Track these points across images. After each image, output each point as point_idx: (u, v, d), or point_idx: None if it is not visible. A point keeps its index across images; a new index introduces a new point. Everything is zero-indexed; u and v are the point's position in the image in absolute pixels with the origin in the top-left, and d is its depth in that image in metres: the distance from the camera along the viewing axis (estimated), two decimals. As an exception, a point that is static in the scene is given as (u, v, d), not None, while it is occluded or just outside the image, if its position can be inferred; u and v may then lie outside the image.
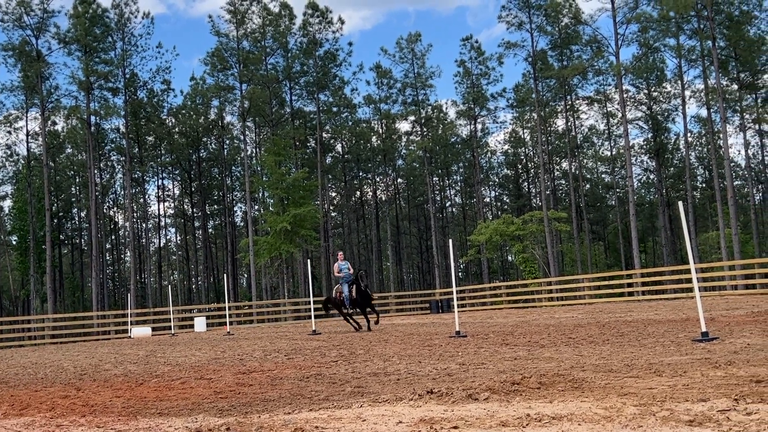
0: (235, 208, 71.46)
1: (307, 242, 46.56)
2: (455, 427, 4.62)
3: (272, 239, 43.85)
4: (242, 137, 56.86)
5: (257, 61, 52.93)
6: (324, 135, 59.29)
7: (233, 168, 67.83)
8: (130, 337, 30.14)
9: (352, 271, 20.04)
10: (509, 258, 65.02)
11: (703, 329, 10.23)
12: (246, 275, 71.55)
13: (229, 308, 30.96)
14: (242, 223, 69.96)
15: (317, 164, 55.30)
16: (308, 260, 23.04)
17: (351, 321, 20.23)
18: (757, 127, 55.33)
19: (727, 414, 4.43)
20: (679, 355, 8.46)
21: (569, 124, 60.36)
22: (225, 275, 32.36)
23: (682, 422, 4.27)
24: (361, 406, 5.86)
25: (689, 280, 11.19)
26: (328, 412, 5.68)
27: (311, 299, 22.14)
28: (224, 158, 64.48)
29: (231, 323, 30.70)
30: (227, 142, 65.31)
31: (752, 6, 48.01)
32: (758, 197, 60.39)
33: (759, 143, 58.47)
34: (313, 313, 22.08)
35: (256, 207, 59.57)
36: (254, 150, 61.61)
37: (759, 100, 53.87)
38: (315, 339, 17.29)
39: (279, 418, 5.48)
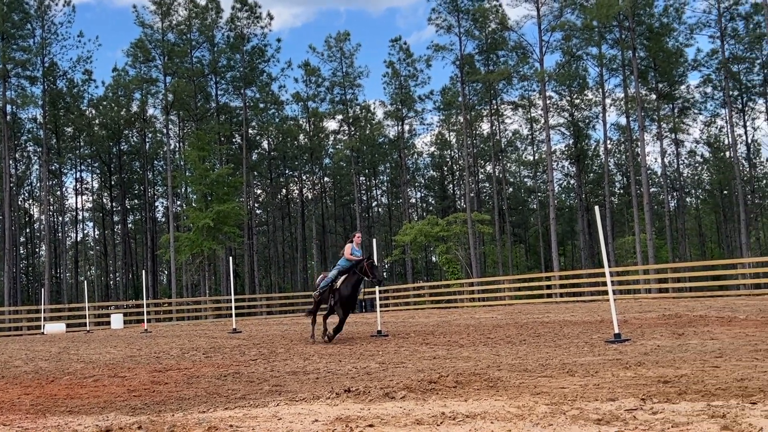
0: (156, 203, 69.96)
1: (230, 239, 45.94)
2: (371, 426, 4.62)
3: (194, 236, 43.11)
4: (165, 131, 55.69)
5: (182, 54, 51.95)
6: (250, 131, 58.63)
7: (155, 162, 66.36)
8: (43, 333, 29.16)
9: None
10: (433, 259, 65.59)
11: (616, 331, 10.53)
12: (166, 272, 70.12)
13: (148, 305, 30.30)
14: (163, 219, 68.55)
15: (242, 160, 54.63)
16: (231, 258, 22.73)
17: (314, 325, 14.93)
18: (673, 136, 57.30)
19: (634, 413, 4.56)
20: (592, 355, 8.68)
21: (494, 128, 61.33)
22: (144, 271, 31.68)
23: (591, 421, 4.37)
24: (277, 404, 5.81)
25: (605, 283, 11.51)
26: (244, 410, 5.62)
27: (233, 297, 21.86)
28: (146, 152, 63.01)
29: (149, 321, 30.07)
30: (149, 135, 63.82)
31: (671, 18, 49.77)
32: (673, 204, 62.60)
33: (675, 152, 60.59)
34: (234, 312, 21.78)
35: (179, 202, 58.47)
36: (177, 144, 60.46)
37: (676, 110, 55.81)
38: (235, 337, 17.08)
39: (193, 417, 5.38)
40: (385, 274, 72.85)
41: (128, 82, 55.25)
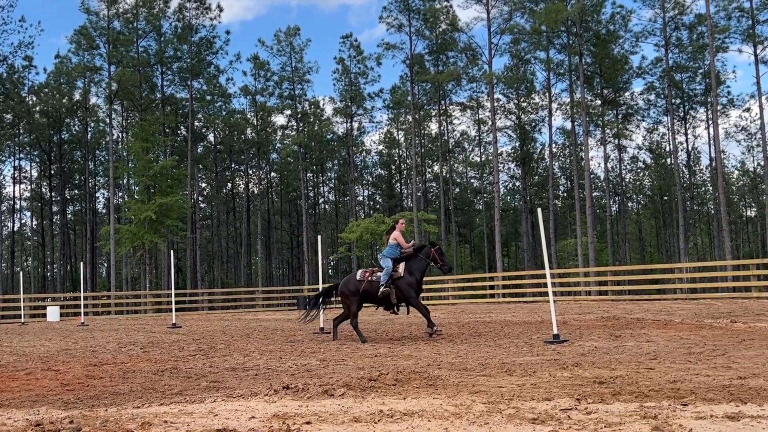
0: (97, 194, 68.55)
1: (172, 233, 45.26)
2: (308, 423, 4.59)
3: (135, 228, 42.36)
4: (108, 120, 54.54)
5: (128, 42, 50.94)
6: (196, 123, 57.83)
7: (97, 152, 65.00)
8: (-26, 325, 28.31)
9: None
10: (379, 257, 65.69)
11: (555, 332, 10.67)
12: (106, 264, 68.80)
13: (86, 298, 29.66)
14: (104, 210, 67.21)
15: (187, 153, 53.84)
16: (173, 251, 22.39)
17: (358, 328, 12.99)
18: (616, 141, 58.47)
19: (568, 413, 4.62)
20: (530, 355, 8.78)
21: (442, 128, 61.68)
22: (83, 263, 30.98)
23: (527, 420, 4.41)
24: (214, 400, 5.73)
25: (546, 285, 11.65)
26: (180, 406, 5.53)
27: (173, 292, 21.52)
28: (88, 141, 61.65)
29: (86, 314, 29.44)
30: (92, 124, 62.47)
31: (618, 26, 50.74)
32: (614, 208, 63.87)
33: (617, 157, 61.83)
34: (174, 306, 21.44)
35: (120, 194, 57.37)
36: (121, 135, 59.30)
37: (620, 117, 56.92)
38: (175, 332, 16.83)
39: (127, 412, 5.28)
40: (330, 271, 72.72)
41: (71, 69, 53.95)
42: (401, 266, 12.98)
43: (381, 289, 12.81)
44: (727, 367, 6.82)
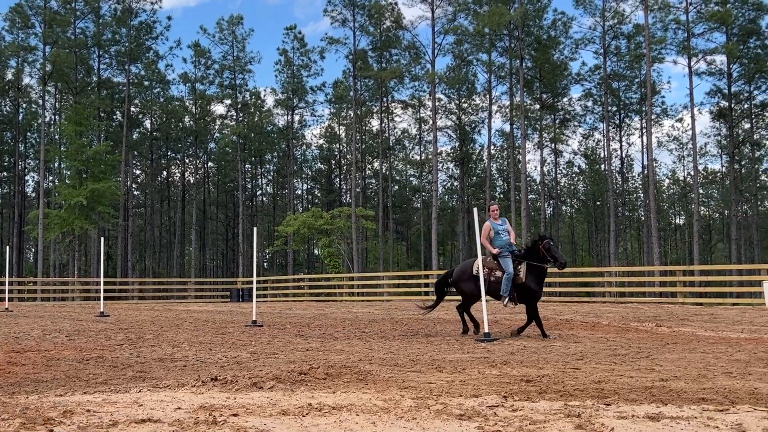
0: (26, 177, 66.54)
1: (104, 220, 44.26)
2: (235, 415, 4.54)
3: (65, 213, 41.29)
4: (41, 102, 53.01)
5: (65, 23, 49.54)
6: (132, 109, 56.65)
7: (28, 134, 63.09)
8: None
9: (513, 235, 11.97)
10: (315, 251, 65.52)
11: (486, 330, 10.81)
12: (33, 250, 66.87)
13: (11, 283, 28.78)
14: (34, 194, 65.28)
15: (122, 138, 52.70)
16: (103, 239, 21.88)
17: (473, 321, 12.04)
18: (553, 146, 59.53)
19: (495, 410, 4.67)
20: (461, 353, 8.86)
21: (383, 125, 61.81)
22: (9, 248, 30.01)
23: (453, 416, 4.45)
24: (140, 391, 5.62)
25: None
26: (104, 395, 5.41)
27: (102, 280, 21.05)
28: (19, 123, 59.78)
29: (11, 299, 28.56)
30: (24, 105, 60.60)
31: (559, 32, 51.64)
32: (549, 211, 65.00)
33: (554, 161, 62.99)
34: (102, 294, 20.96)
35: (51, 178, 55.82)
36: (54, 117, 57.68)
37: (557, 121, 57.97)
38: (102, 321, 16.46)
39: (48, 400, 5.14)
40: (265, 264, 72.17)
41: (4, 48, 52.20)
42: (522, 267, 11.32)
43: (505, 303, 11.37)
44: (650, 369, 7.01)
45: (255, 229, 15.96)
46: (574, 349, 9.33)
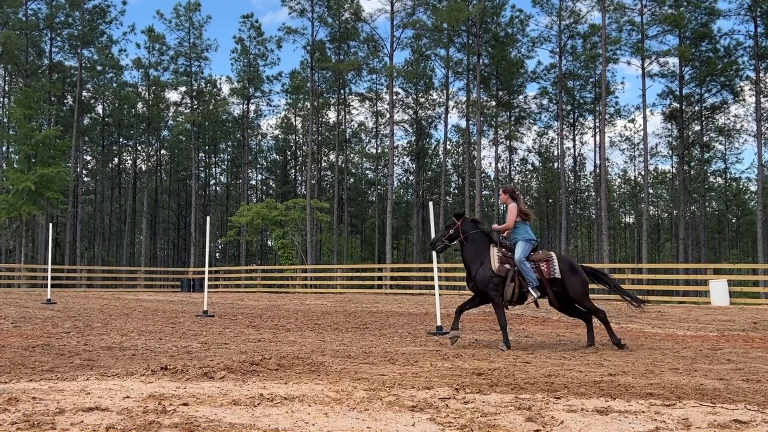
0: (-27, 161, 64.82)
1: (52, 206, 43.34)
2: (185, 404, 4.49)
3: (13, 198, 40.35)
4: (-10, 84, 51.68)
5: (16, 4, 48.27)
6: (84, 94, 55.51)
7: (-25, 117, 61.46)
8: None
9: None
10: (269, 243, 65.09)
11: (439, 324, 10.87)
12: (-21, 235, 65.19)
13: (-46, 269, 28.04)
14: (-20, 178, 63.62)
15: (73, 124, 51.63)
16: (52, 225, 21.43)
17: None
18: (508, 143, 60.03)
19: (446, 402, 4.70)
20: (414, 345, 8.90)
21: (340, 117, 61.63)
22: (-48, 232, 29.22)
23: (406, 407, 4.46)
24: (87, 379, 5.53)
25: (433, 278, 11.86)
26: (50, 383, 5.31)
27: (50, 267, 20.62)
28: (-34, 104, 58.19)
29: (-46, 286, 27.84)
30: (-29, 87, 58.99)
31: (516, 30, 52.02)
32: (502, 208, 65.49)
33: (508, 158, 63.53)
34: (50, 282, 20.52)
35: (-2, 162, 54.48)
36: (2, 100, 56.24)
37: (512, 119, 58.46)
38: (49, 308, 16.13)
39: (-9, 389, 5.02)
40: (217, 254, 71.49)
41: (-50, 27, 50.74)
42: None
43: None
44: (599, 364, 7.12)
45: (208, 218, 15.79)
46: (524, 343, 9.44)
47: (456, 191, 71.63)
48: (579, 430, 3.99)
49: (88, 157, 65.97)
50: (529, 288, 8.85)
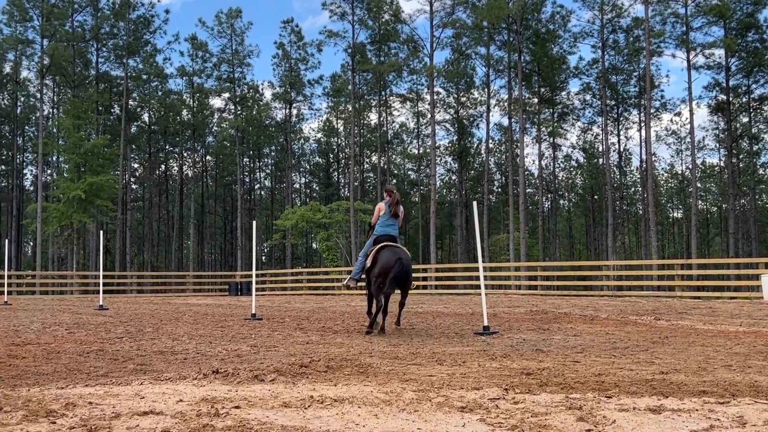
0: (25, 171, 66.48)
1: (102, 213, 44.24)
2: (237, 407, 4.55)
3: (64, 207, 41.29)
4: (39, 96, 52.94)
5: (63, 16, 49.45)
6: (131, 102, 56.60)
7: (26, 127, 62.99)
8: None
9: (400, 218, 11.49)
10: (314, 245, 65.50)
11: (485, 324, 10.81)
12: (32, 243, 66.83)
13: (10, 276, 28.77)
14: (32, 188, 65.22)
15: (121, 132, 52.64)
16: (102, 232, 21.88)
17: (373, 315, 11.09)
18: (551, 140, 59.50)
19: (496, 402, 4.69)
20: (461, 346, 8.87)
21: (382, 119, 61.75)
22: (7, 241, 29.99)
23: (455, 408, 4.46)
24: (141, 383, 5.63)
25: (479, 278, 11.77)
26: (106, 388, 5.41)
27: (101, 273, 21.04)
28: (17, 116, 59.68)
29: (10, 293, 28.55)
30: (22, 99, 60.49)
31: (557, 26, 51.58)
32: (546, 205, 65.05)
33: (552, 155, 62.97)
34: (102, 288, 20.95)
35: (49, 171, 55.76)
36: (52, 110, 57.58)
37: (555, 115, 57.93)
38: (101, 314, 16.46)
39: (50, 393, 5.14)
40: (263, 258, 72.14)
41: (2, 41, 52.13)
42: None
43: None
44: (649, 362, 7.02)
45: (254, 222, 15.96)
46: (573, 342, 9.35)
47: (499, 190, 71.23)
48: (632, 429, 3.95)
49: (136, 165, 67.23)
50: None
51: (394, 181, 71.16)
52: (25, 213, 53.98)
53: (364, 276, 11.20)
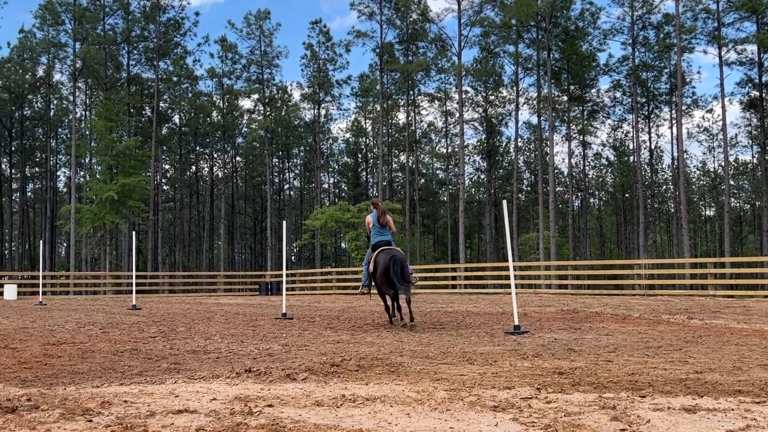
0: (58, 173, 67.48)
1: (134, 214, 44.74)
2: (270, 406, 4.58)
3: (97, 208, 41.81)
4: (72, 98, 53.68)
5: (94, 19, 50.09)
6: (161, 104, 57.17)
7: (59, 130, 63.93)
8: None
9: (389, 225, 12.64)
10: (343, 245, 65.66)
11: (516, 323, 10.77)
12: (65, 244, 67.83)
13: (44, 277, 29.22)
14: (65, 189, 66.19)
15: (152, 134, 53.21)
16: (134, 233, 22.12)
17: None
18: (581, 138, 59.03)
19: (529, 401, 4.67)
20: (491, 345, 8.85)
21: (410, 118, 61.72)
22: (42, 242, 30.46)
23: (488, 407, 4.45)
24: (175, 382, 5.69)
25: (509, 277, 11.75)
26: (140, 387, 5.48)
27: (134, 273, 21.28)
28: (50, 119, 60.61)
29: (45, 293, 29.00)
30: (55, 102, 61.43)
31: (587, 23, 51.17)
32: (576, 204, 64.56)
33: (581, 153, 62.47)
34: (134, 288, 21.19)
35: (82, 173, 56.54)
36: (84, 113, 58.38)
37: (585, 113, 57.47)
38: (134, 314, 16.66)
39: (86, 392, 5.21)
40: (293, 258, 72.48)
41: (35, 45, 52.98)
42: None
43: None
44: (683, 361, 6.95)
45: (284, 222, 16.05)
46: (605, 341, 9.27)
47: (528, 188, 70.84)
48: (667, 429, 3.91)
49: (167, 166, 67.92)
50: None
51: (423, 181, 71.08)
52: (58, 214, 54.77)
53: (372, 282, 12.26)
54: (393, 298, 12.09)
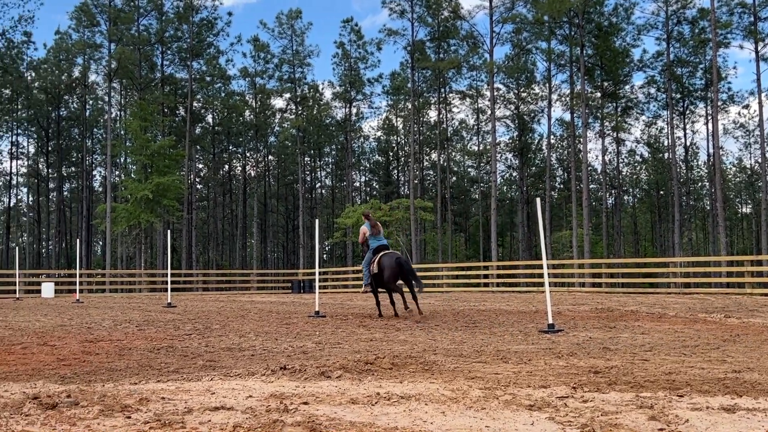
0: (94, 172, 68.40)
1: (169, 213, 45.23)
2: (305, 403, 4.60)
3: (132, 207, 42.34)
4: (107, 98, 54.40)
5: (129, 20, 50.71)
6: (195, 104, 57.70)
7: (95, 130, 64.82)
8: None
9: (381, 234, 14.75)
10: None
11: (550, 321, 10.70)
12: (101, 243, 68.79)
13: (81, 275, 29.67)
14: (101, 188, 67.08)
15: (185, 133, 53.73)
16: (169, 231, 22.37)
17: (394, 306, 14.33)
18: (615, 135, 58.43)
19: (565, 401, 4.64)
20: (525, 344, 8.80)
21: (441, 116, 61.58)
22: (78, 241, 30.93)
23: (523, 406, 4.43)
24: (211, 379, 5.74)
25: (541, 275, 11.67)
26: (177, 384, 5.54)
27: (169, 271, 21.51)
28: (86, 119, 61.48)
29: (81, 291, 29.45)
30: (90, 102, 62.29)
31: (620, 19, 50.61)
32: (610, 201, 63.89)
33: (615, 150, 61.80)
34: (169, 286, 21.42)
35: (117, 172, 57.28)
36: (119, 113, 59.14)
37: (619, 110, 56.87)
38: (170, 311, 16.84)
39: (124, 388, 5.28)
40: (325, 256, 72.75)
41: (71, 46, 53.80)
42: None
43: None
44: (721, 360, 6.86)
45: (317, 221, 16.10)
46: (641, 340, 9.18)
47: (561, 186, 70.30)
48: (706, 429, 3.87)
49: (200, 165, 68.58)
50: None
51: (454, 179, 70.90)
52: (94, 213, 55.58)
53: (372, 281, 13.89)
54: (398, 291, 13.76)
